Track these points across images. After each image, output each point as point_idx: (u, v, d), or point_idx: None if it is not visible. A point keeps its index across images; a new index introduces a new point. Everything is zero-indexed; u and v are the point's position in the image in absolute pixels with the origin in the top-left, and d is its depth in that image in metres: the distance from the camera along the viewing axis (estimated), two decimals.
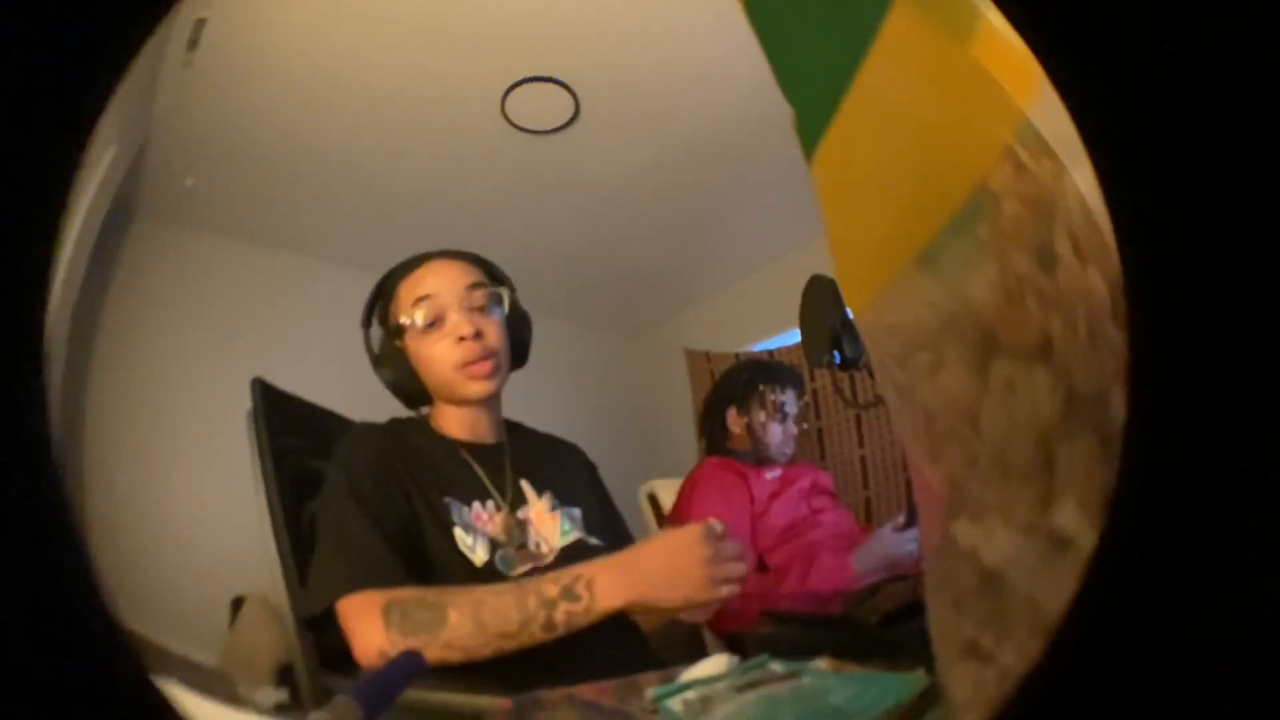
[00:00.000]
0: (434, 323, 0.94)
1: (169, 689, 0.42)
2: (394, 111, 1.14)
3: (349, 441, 0.93)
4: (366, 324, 1.00)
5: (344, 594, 0.77)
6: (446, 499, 0.89)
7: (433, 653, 0.72)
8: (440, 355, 0.94)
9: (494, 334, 0.96)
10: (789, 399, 1.27)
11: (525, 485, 0.95)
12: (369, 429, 0.96)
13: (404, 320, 0.95)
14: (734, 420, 1.28)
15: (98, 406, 0.85)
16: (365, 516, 0.83)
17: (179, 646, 0.69)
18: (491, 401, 0.97)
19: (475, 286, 0.96)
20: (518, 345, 0.98)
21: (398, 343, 0.96)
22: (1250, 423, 0.34)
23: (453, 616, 0.75)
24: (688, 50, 1.12)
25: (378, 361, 0.98)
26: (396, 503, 0.86)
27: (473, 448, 0.96)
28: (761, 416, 1.26)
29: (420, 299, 0.95)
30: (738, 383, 1.30)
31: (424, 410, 0.99)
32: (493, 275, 0.99)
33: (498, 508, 0.92)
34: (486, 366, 0.94)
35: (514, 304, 0.98)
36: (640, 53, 1.14)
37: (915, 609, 0.42)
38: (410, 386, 0.96)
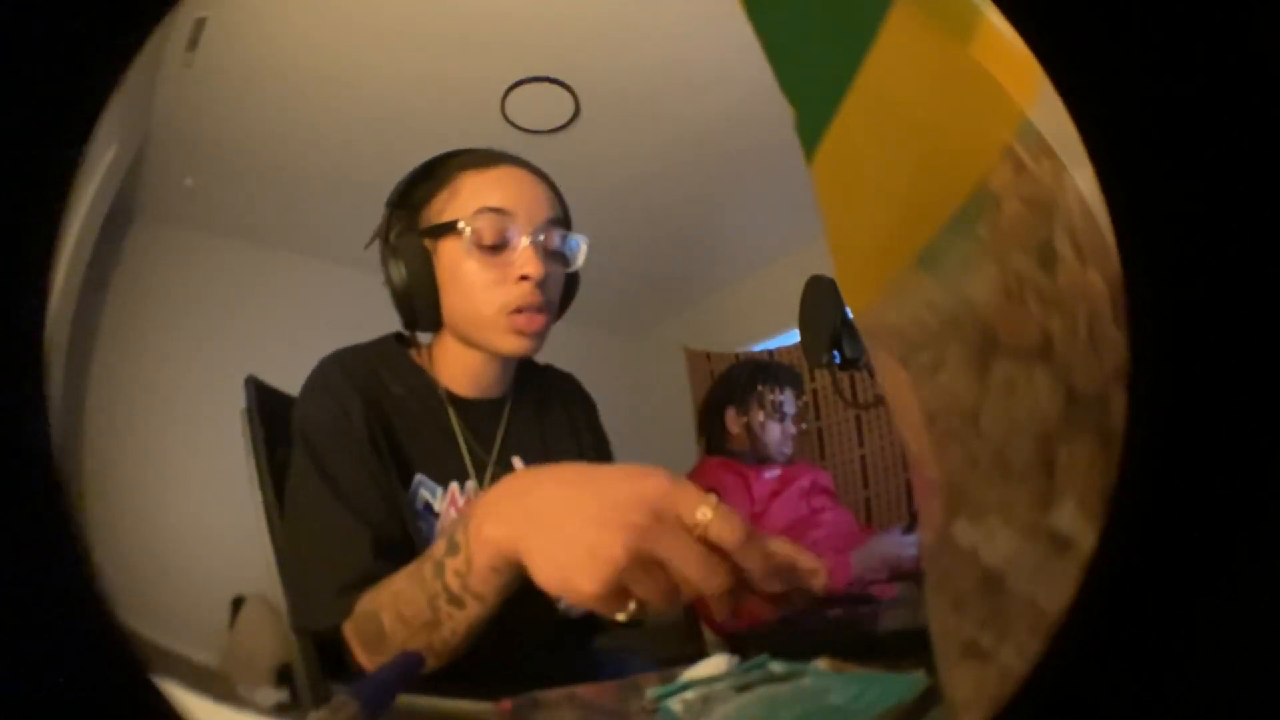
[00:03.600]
0: (497, 245, 0.74)
1: (169, 689, 0.42)
2: (394, 111, 1.14)
3: (307, 394, 0.75)
4: (397, 203, 0.79)
5: (344, 617, 0.66)
6: (419, 476, 0.74)
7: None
8: (487, 286, 0.74)
9: (556, 287, 0.78)
10: (787, 398, 1.27)
11: (517, 461, 0.80)
12: (332, 373, 0.75)
13: (459, 223, 0.74)
14: (733, 420, 1.28)
15: (97, 407, 0.85)
16: (346, 508, 0.69)
17: (179, 646, 0.69)
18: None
19: (555, 224, 0.77)
20: (563, 306, 0.81)
21: (430, 242, 0.76)
22: (1250, 422, 0.34)
23: (386, 623, 0.61)
24: (688, 50, 1.12)
25: (392, 253, 0.77)
26: (373, 476, 0.72)
27: (468, 406, 0.79)
28: (760, 416, 1.26)
29: (490, 208, 0.74)
30: (737, 383, 1.30)
31: (421, 340, 0.80)
32: (568, 217, 0.79)
33: (476, 489, 0.77)
34: (539, 321, 0.76)
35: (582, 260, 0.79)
36: (640, 53, 1.14)
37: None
38: (423, 301, 0.76)
